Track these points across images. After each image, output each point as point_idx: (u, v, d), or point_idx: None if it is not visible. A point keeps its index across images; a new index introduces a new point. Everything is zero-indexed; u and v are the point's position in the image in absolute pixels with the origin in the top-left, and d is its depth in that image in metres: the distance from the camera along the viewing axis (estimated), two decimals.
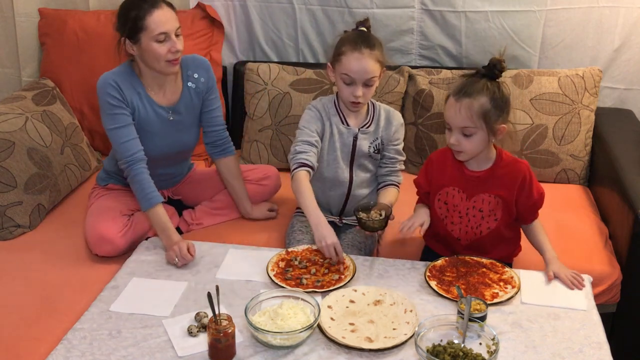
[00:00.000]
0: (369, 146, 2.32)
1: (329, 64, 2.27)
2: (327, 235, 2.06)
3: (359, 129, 2.31)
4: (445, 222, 2.12)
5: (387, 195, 2.30)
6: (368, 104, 2.34)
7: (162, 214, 2.21)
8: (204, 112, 2.44)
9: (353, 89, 2.20)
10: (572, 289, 1.99)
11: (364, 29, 2.24)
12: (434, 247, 2.23)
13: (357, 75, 2.17)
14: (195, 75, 2.37)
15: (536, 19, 2.88)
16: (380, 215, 2.14)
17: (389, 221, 2.17)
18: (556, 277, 2.02)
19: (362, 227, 2.14)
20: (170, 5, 2.23)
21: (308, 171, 2.20)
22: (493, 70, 1.98)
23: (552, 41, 2.92)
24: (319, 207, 2.13)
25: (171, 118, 2.35)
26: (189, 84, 2.37)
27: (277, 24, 3.10)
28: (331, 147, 2.32)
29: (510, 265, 2.17)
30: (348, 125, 2.31)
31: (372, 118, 2.34)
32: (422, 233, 2.11)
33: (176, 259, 2.10)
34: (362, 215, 2.13)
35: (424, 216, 2.12)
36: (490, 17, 2.90)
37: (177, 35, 2.22)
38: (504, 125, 2.00)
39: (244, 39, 3.17)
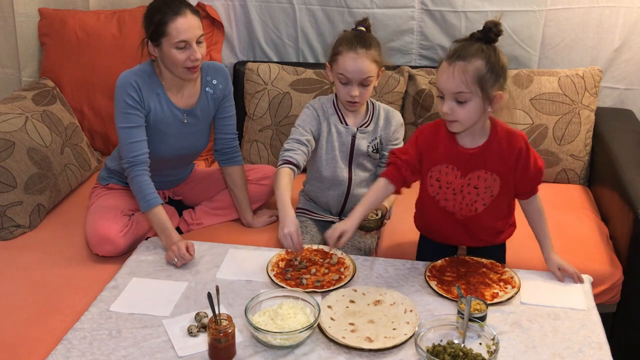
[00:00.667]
0: (368, 146, 2.32)
1: (327, 63, 2.28)
2: (285, 224, 2.03)
3: (357, 129, 2.32)
4: (437, 198, 2.02)
5: None
6: (367, 103, 2.35)
7: (161, 214, 2.21)
8: (217, 118, 2.45)
9: (349, 88, 2.20)
10: (577, 282, 1.99)
11: (363, 28, 2.24)
12: (428, 234, 2.18)
13: (352, 75, 2.18)
14: (214, 82, 2.38)
15: (536, 19, 2.88)
16: (376, 214, 2.15)
17: (386, 221, 2.18)
18: (562, 271, 2.02)
19: (357, 227, 2.15)
20: (196, 12, 2.22)
21: (291, 169, 2.19)
22: (489, 33, 1.87)
23: (552, 41, 2.92)
24: (291, 203, 2.10)
25: (185, 121, 2.36)
26: (207, 89, 2.38)
27: (277, 24, 3.10)
28: (329, 146, 2.32)
29: (504, 247, 2.16)
30: (346, 124, 2.32)
31: (371, 117, 2.34)
32: (342, 245, 1.98)
33: (175, 259, 2.10)
34: None
35: (344, 225, 1.97)
36: (490, 17, 2.86)
37: (199, 42, 2.22)
38: (500, 93, 1.87)
39: (244, 39, 3.17)
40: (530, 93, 2.74)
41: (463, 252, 2.17)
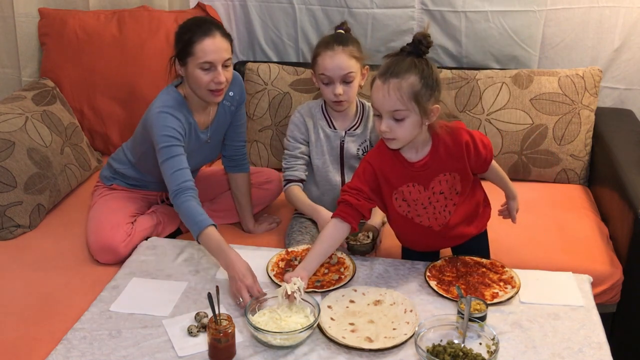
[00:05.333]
0: (358, 148, 2.33)
1: (311, 70, 2.30)
2: (323, 218, 2.16)
3: (345, 132, 2.32)
4: (409, 216, 2.00)
5: None
6: (357, 105, 2.35)
7: (212, 235, 2.01)
8: (229, 125, 2.43)
9: (332, 87, 2.22)
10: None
11: (342, 31, 2.27)
12: (410, 246, 2.17)
13: (332, 72, 2.19)
14: (231, 94, 2.35)
15: (536, 19, 2.88)
16: (368, 237, 2.15)
17: (378, 244, 2.20)
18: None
19: (349, 250, 2.15)
20: (226, 36, 2.18)
21: (297, 185, 2.33)
22: (419, 46, 1.82)
23: (552, 41, 2.92)
24: (314, 205, 2.25)
25: (209, 141, 2.35)
26: (225, 102, 2.35)
27: (277, 24, 3.10)
28: (319, 151, 2.34)
29: (486, 235, 2.16)
30: (334, 128, 2.33)
31: (361, 120, 2.35)
32: (299, 300, 1.82)
33: (240, 299, 1.89)
34: (350, 238, 2.13)
35: (300, 272, 1.88)
36: (490, 17, 2.90)
37: (225, 66, 2.18)
38: (437, 106, 1.84)
39: (244, 39, 3.17)
40: (530, 93, 2.74)
41: (446, 255, 2.16)
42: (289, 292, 1.80)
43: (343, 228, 1.95)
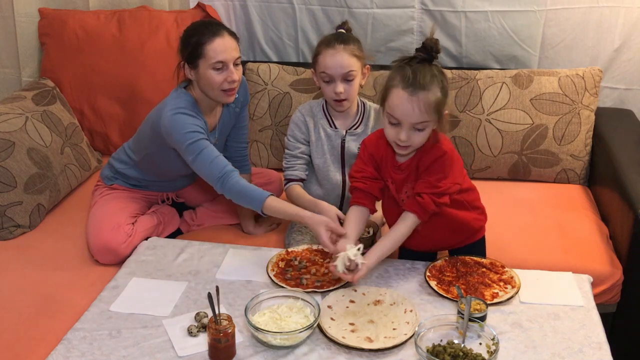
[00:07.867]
0: (358, 148, 2.32)
1: (312, 69, 2.29)
2: (325, 211, 2.12)
3: (346, 131, 2.32)
4: (395, 198, 2.03)
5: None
6: (358, 104, 2.35)
7: (275, 205, 2.07)
8: (233, 127, 2.43)
9: (333, 86, 2.22)
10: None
11: (343, 30, 2.28)
12: (404, 244, 2.14)
13: (333, 70, 2.20)
14: (236, 95, 2.34)
15: (536, 19, 2.88)
16: (369, 232, 2.16)
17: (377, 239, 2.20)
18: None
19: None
20: (233, 35, 2.20)
21: (297, 184, 2.33)
22: (431, 52, 1.82)
23: (552, 41, 2.92)
24: (315, 199, 2.25)
25: (217, 142, 2.35)
26: (231, 104, 2.36)
27: (277, 24, 3.10)
28: (319, 150, 2.34)
29: (483, 244, 2.15)
30: (335, 127, 2.33)
31: (362, 119, 2.35)
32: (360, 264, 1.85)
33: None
34: None
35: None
36: (490, 17, 2.90)
37: (235, 65, 2.19)
38: (447, 112, 1.87)
39: (244, 39, 3.16)
40: (530, 93, 2.74)
41: (444, 255, 2.16)
42: (352, 258, 1.84)
43: (363, 211, 2.02)
